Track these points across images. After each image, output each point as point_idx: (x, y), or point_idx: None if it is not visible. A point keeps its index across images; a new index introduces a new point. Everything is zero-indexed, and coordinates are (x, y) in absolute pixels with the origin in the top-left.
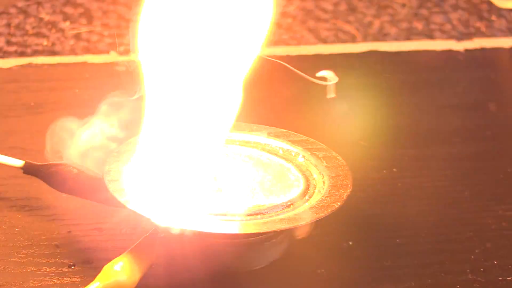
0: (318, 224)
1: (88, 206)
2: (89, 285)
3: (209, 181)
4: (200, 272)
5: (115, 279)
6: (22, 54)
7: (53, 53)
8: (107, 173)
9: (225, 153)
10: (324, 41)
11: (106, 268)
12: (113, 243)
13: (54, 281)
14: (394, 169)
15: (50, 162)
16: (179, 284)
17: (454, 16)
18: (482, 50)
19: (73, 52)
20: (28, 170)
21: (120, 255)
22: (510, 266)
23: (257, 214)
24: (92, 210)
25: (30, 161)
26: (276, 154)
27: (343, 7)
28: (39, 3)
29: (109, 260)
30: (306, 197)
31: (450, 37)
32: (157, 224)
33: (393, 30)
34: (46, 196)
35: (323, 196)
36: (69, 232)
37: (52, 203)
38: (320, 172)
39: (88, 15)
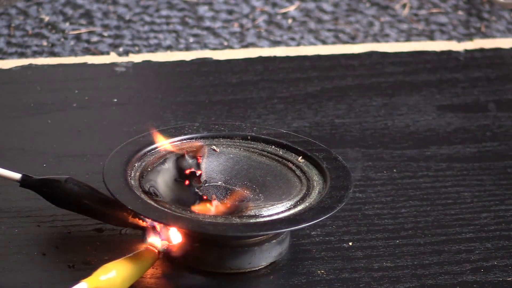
0: (318, 224)
1: None
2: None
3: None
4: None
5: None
6: (22, 55)
7: (53, 54)
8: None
9: (226, 155)
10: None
11: (96, 272)
12: (113, 245)
13: (53, 281)
14: (394, 170)
15: (49, 177)
16: (180, 286)
17: (454, 16)
18: (482, 50)
19: (73, 53)
20: (26, 183)
21: (118, 257)
22: (510, 267)
23: (257, 215)
24: None
25: (28, 175)
26: (276, 155)
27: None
28: (39, 4)
29: (108, 261)
30: (307, 198)
31: (450, 37)
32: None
33: (393, 31)
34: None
35: (323, 197)
36: (69, 232)
37: (51, 204)
38: (320, 173)
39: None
